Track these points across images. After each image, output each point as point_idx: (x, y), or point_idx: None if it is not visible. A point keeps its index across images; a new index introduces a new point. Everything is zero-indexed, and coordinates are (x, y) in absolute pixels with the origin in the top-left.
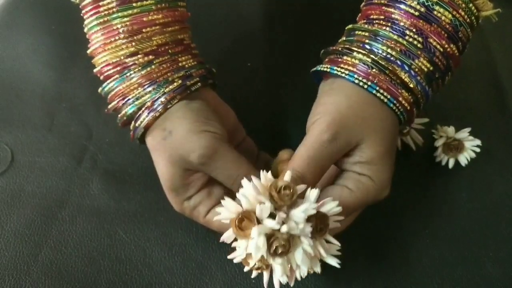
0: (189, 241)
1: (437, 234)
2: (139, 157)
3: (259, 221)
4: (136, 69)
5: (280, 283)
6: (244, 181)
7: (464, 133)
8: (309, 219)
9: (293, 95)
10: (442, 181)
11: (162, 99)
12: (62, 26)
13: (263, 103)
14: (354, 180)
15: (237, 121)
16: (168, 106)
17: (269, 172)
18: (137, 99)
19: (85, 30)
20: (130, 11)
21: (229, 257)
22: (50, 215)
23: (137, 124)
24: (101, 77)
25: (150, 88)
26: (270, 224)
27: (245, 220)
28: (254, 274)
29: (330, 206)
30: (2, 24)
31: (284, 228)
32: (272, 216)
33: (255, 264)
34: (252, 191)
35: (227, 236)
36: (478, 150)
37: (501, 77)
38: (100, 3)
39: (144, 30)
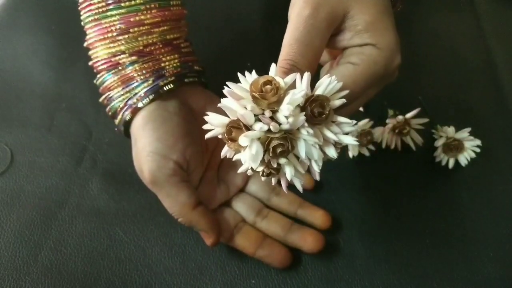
0: (189, 241)
1: (437, 234)
2: None
3: (249, 128)
4: (121, 68)
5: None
6: (225, 90)
7: (464, 133)
8: (303, 108)
9: None
10: (442, 181)
11: (134, 99)
12: (62, 26)
13: None
14: (356, 53)
15: None
16: (140, 106)
17: (253, 72)
18: (119, 96)
19: (82, 23)
20: (119, 11)
21: (238, 171)
22: (49, 215)
23: (116, 122)
24: (95, 70)
25: (127, 89)
26: (257, 127)
27: (234, 130)
28: (274, 181)
29: (325, 85)
30: (2, 24)
31: (272, 127)
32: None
33: (263, 172)
34: (231, 99)
35: (225, 151)
36: (478, 150)
37: (501, 77)
38: (92, 2)
39: (131, 30)
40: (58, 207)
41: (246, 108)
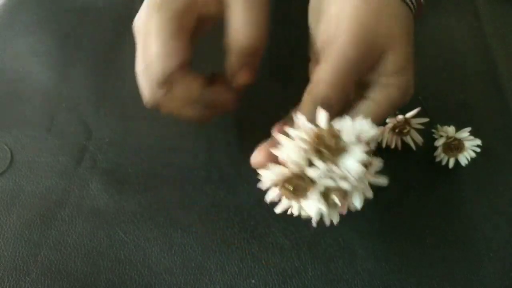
0: (189, 241)
1: (437, 234)
2: (139, 157)
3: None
4: None
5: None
6: (282, 139)
7: (464, 133)
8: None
9: (292, 94)
10: (442, 181)
11: None
12: (62, 26)
13: (263, 102)
14: (382, 92)
15: None
16: None
17: (303, 117)
18: None
19: None
20: None
21: (277, 211)
22: (49, 215)
23: None
24: None
25: None
26: (328, 183)
27: (296, 179)
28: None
29: (368, 135)
30: (2, 24)
31: (345, 185)
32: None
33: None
34: (294, 151)
35: (273, 196)
36: (478, 150)
37: (501, 77)
38: None
39: None
40: (58, 207)
41: (314, 164)
